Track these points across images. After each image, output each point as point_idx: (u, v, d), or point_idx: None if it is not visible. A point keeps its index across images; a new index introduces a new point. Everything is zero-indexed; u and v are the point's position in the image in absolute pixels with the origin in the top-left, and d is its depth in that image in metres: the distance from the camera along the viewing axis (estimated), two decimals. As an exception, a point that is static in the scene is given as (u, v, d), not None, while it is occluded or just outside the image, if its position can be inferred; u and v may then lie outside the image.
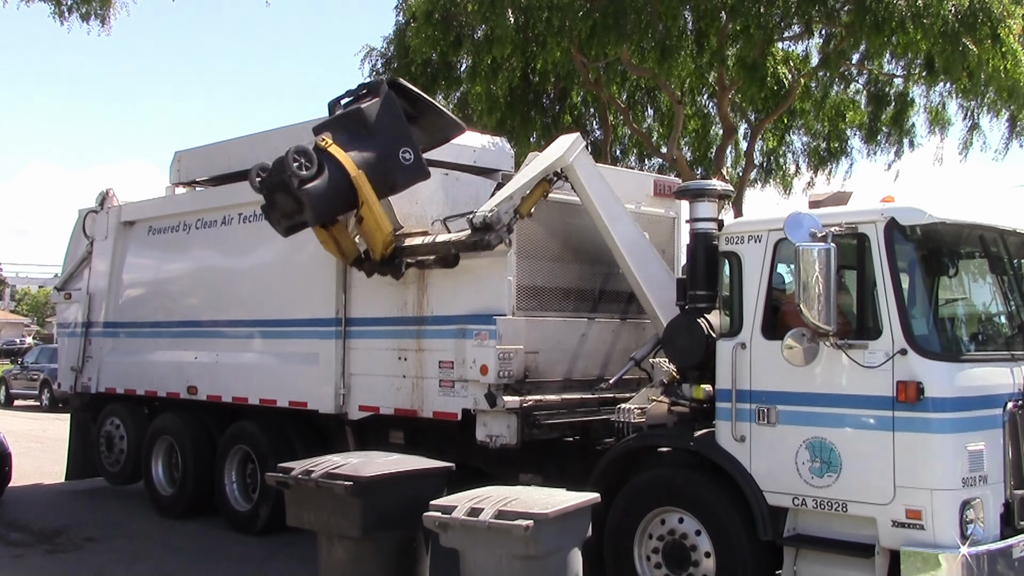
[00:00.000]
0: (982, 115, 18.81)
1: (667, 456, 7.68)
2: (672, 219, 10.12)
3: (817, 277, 6.15)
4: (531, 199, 8.40)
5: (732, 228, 7.13)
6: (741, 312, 6.94)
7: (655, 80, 18.41)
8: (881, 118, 20.35)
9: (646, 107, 22.68)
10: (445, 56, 18.90)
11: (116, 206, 13.11)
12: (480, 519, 5.62)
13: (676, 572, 7.06)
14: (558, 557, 5.80)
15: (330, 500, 6.55)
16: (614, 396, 8.52)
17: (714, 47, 17.11)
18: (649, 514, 7.26)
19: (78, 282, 13.74)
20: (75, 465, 13.72)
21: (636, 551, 7.29)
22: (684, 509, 7.08)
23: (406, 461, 7.09)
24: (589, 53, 17.33)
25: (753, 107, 20.07)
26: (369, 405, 9.70)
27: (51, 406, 29.03)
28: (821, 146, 21.85)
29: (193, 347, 11.69)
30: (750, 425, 6.79)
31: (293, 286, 10.53)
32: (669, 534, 7.14)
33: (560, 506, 5.73)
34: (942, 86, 18.33)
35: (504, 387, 8.37)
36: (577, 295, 9.26)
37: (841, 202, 7.62)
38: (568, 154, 8.41)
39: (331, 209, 9.00)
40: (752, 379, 6.80)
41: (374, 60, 20.96)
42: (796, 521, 6.70)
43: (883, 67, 19.26)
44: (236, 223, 11.29)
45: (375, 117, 9.10)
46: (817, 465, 6.46)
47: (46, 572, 9.42)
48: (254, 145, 11.69)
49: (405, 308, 9.38)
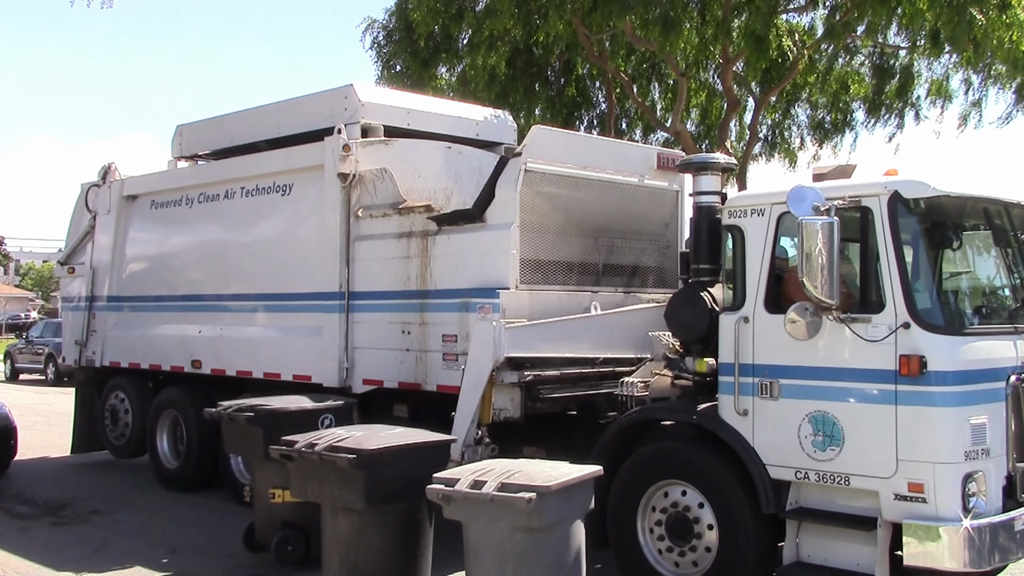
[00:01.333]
0: (988, 86, 18.66)
1: (669, 429, 7.70)
2: (676, 192, 10.10)
3: (820, 250, 6.12)
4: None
5: (735, 202, 7.10)
6: (744, 286, 6.92)
7: (659, 53, 18.28)
8: (885, 91, 20.22)
9: (650, 80, 22.56)
10: (447, 29, 18.77)
11: (118, 180, 13.10)
12: (483, 491, 5.65)
13: (679, 544, 7.09)
14: (560, 529, 5.82)
15: (334, 473, 6.63)
16: (613, 370, 8.54)
17: (719, 19, 16.97)
18: (652, 487, 7.27)
19: (81, 256, 13.74)
20: (80, 439, 13.78)
21: (639, 524, 7.31)
22: (687, 482, 7.10)
23: (409, 434, 7.16)
24: (592, 25, 17.19)
25: (757, 80, 19.94)
26: (373, 379, 9.71)
27: (56, 380, 29.34)
28: (825, 119, 21.73)
29: (197, 321, 11.72)
30: (753, 399, 6.79)
31: (296, 260, 10.53)
32: (672, 507, 7.16)
33: (563, 479, 5.75)
34: (947, 58, 18.18)
35: (507, 361, 8.39)
36: (580, 268, 9.25)
37: (845, 175, 7.58)
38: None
39: None
40: (755, 353, 6.79)
41: (375, 32, 20.86)
42: (799, 494, 6.71)
43: (888, 39, 19.09)
44: (239, 197, 11.28)
45: None
46: (820, 439, 6.46)
47: (51, 544, 9.50)
48: (257, 119, 11.71)
49: (408, 282, 9.38)
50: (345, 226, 9.90)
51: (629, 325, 8.79)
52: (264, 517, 8.48)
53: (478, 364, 8.12)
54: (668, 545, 7.15)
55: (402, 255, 9.45)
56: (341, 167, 9.82)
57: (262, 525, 8.51)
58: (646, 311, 8.87)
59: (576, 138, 10.31)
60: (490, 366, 8.02)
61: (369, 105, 10.38)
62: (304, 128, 10.73)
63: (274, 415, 8.35)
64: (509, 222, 8.62)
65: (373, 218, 9.76)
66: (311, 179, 10.29)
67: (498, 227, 8.69)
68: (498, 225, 8.70)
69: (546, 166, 8.88)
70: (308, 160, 10.30)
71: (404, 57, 20.35)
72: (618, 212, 9.56)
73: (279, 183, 10.76)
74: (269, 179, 10.88)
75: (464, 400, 8.15)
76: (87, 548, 9.34)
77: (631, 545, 7.32)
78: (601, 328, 8.78)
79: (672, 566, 7.17)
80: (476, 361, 8.14)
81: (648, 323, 8.50)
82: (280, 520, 8.30)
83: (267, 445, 7.66)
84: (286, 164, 10.63)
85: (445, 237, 9.12)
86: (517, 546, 5.67)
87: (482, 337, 8.12)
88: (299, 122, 10.89)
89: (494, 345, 8.03)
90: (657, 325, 8.26)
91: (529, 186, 8.74)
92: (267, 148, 11.37)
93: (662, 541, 7.20)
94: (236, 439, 8.63)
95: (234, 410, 8.49)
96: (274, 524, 8.33)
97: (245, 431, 8.38)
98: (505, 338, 8.05)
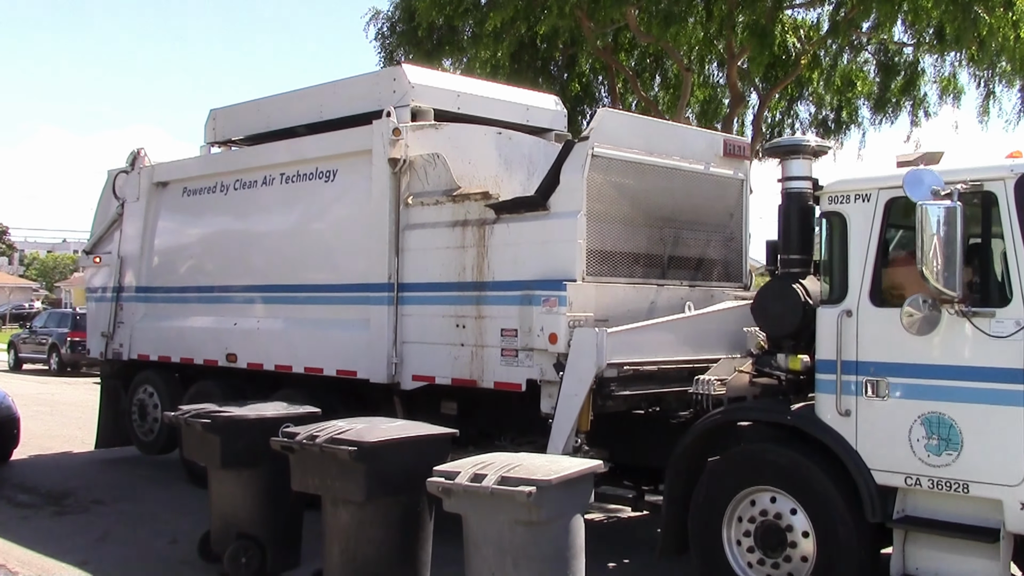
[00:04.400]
0: (995, 84, 18.36)
1: (747, 431, 7.24)
2: (740, 181, 9.62)
3: (941, 239, 5.64)
4: None
5: (836, 187, 6.58)
6: (846, 277, 6.43)
7: (663, 47, 17.95)
8: (890, 88, 19.92)
9: (654, 75, 22.26)
10: (451, 21, 18.39)
11: (148, 166, 12.63)
12: (483, 485, 5.63)
13: (772, 556, 6.60)
14: (561, 523, 5.78)
15: (334, 465, 6.60)
16: (692, 367, 8.06)
17: (724, 13, 16.62)
18: (739, 495, 6.78)
19: (108, 245, 13.25)
20: (105, 434, 13.29)
21: (724, 534, 6.82)
22: (778, 488, 6.60)
23: (410, 427, 7.14)
24: (595, 18, 16.85)
25: (761, 75, 19.61)
26: (423, 375, 9.23)
27: (59, 370, 29.66)
28: (829, 116, 21.39)
29: (232, 313, 11.25)
30: (856, 398, 6.29)
31: (341, 249, 10.05)
32: (761, 515, 6.67)
33: (563, 473, 5.72)
34: (952, 55, 17.90)
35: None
36: (646, 260, 8.77)
37: (933, 161, 7.11)
38: None
39: None
40: (859, 349, 6.29)
41: (380, 24, 20.57)
42: (906, 502, 6.22)
43: (893, 36, 18.76)
44: (278, 183, 10.79)
45: None
46: (934, 442, 5.97)
47: (53, 533, 9.37)
48: (296, 102, 11.25)
49: (463, 273, 8.89)
50: (394, 214, 9.40)
51: (720, 322, 8.32)
52: (219, 527, 8.13)
53: (578, 372, 7.59)
54: (759, 557, 6.65)
55: (456, 244, 8.96)
56: (391, 152, 9.34)
57: (217, 534, 8.16)
58: (740, 309, 8.36)
59: (643, 122, 9.81)
60: (592, 374, 7.51)
61: (419, 87, 9.89)
62: (348, 112, 10.24)
63: (232, 423, 7.99)
64: (575, 210, 8.13)
65: (425, 206, 9.27)
66: (357, 165, 9.80)
67: (563, 215, 8.20)
68: (563, 213, 8.21)
69: (613, 151, 8.40)
70: (355, 145, 9.81)
71: (408, 49, 20.01)
72: (684, 201, 9.08)
73: (322, 169, 10.27)
74: (311, 165, 10.38)
75: (562, 408, 7.65)
76: (89, 538, 9.23)
77: (717, 558, 6.83)
78: (694, 328, 8.30)
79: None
80: (576, 369, 7.61)
81: (740, 320, 8.03)
82: (235, 530, 7.95)
83: (224, 453, 7.77)
84: (330, 149, 10.13)
85: (504, 226, 8.63)
86: (517, 539, 5.66)
87: (583, 344, 7.60)
88: (343, 105, 10.40)
89: (596, 352, 7.49)
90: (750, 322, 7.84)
91: (596, 172, 8.26)
92: (306, 133, 10.88)
93: (752, 553, 6.71)
94: (194, 446, 8.27)
95: (191, 416, 8.14)
96: (229, 534, 7.97)
97: (203, 438, 8.02)
98: (607, 344, 7.54)
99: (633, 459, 8.55)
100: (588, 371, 7.54)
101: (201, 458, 8.31)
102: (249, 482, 7.92)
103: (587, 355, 7.55)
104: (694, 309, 8.60)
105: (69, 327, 30.05)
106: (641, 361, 7.90)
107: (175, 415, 8.40)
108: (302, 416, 7.99)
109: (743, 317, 8.22)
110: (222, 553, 7.93)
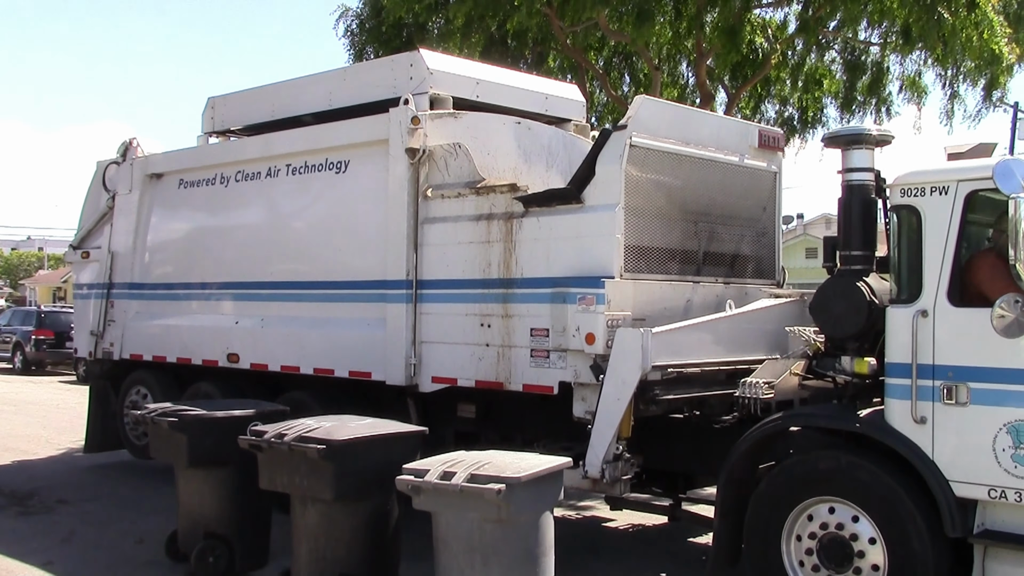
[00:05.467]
0: (959, 83, 18.37)
1: (798, 437, 6.83)
2: (774, 174, 9.23)
3: (1038, 233, 5.25)
4: None
5: (909, 179, 6.15)
6: (920, 275, 6.01)
7: (633, 46, 17.71)
8: (857, 87, 19.87)
9: (623, 73, 21.97)
10: (419, 18, 18.01)
11: (141, 157, 12.04)
12: (452, 483, 5.66)
13: (840, 571, 6.17)
14: (530, 521, 5.83)
15: (303, 463, 6.59)
16: (735, 368, 7.65)
17: (692, 12, 16.40)
18: (796, 508, 6.36)
19: (97, 239, 12.64)
20: (94, 437, 12.68)
21: (784, 552, 6.39)
22: (840, 498, 6.17)
23: (380, 425, 7.11)
24: (565, 16, 16.56)
25: (730, 74, 19.39)
26: (444, 376, 8.74)
27: (24, 369, 29.37)
28: (796, 115, 21.28)
29: (233, 311, 10.72)
30: (933, 405, 5.88)
31: (354, 244, 9.55)
32: (822, 529, 6.24)
33: (532, 470, 5.76)
34: (917, 54, 17.91)
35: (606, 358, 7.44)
36: (682, 256, 8.35)
37: (985, 154, 6.76)
38: None
39: None
40: (935, 352, 5.89)
41: (349, 20, 20.14)
42: (986, 515, 5.83)
43: (859, 35, 18.67)
44: (284, 175, 10.26)
45: None
46: (1022, 452, 5.58)
47: (17, 534, 9.23)
48: (303, 89, 10.73)
49: (488, 269, 8.42)
50: (413, 207, 8.91)
51: (760, 322, 7.90)
52: (187, 526, 8.02)
53: (621, 375, 7.10)
54: (828, 574, 6.22)
55: (481, 239, 8.49)
56: (409, 141, 8.84)
57: (184, 533, 8.05)
58: (782, 307, 7.97)
59: (680, 111, 9.36)
60: (637, 377, 7.02)
61: (438, 74, 9.40)
62: (361, 99, 9.74)
63: (199, 421, 7.86)
64: (613, 203, 7.68)
65: (445, 198, 8.79)
66: (372, 155, 9.30)
67: (600, 208, 7.75)
68: (600, 206, 7.76)
69: (651, 141, 7.96)
70: (370, 134, 9.31)
71: (376, 46, 19.62)
72: (719, 194, 8.67)
73: (333, 159, 9.75)
74: (321, 155, 9.86)
75: (603, 413, 7.17)
76: (54, 538, 9.11)
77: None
78: (734, 328, 7.87)
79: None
80: (618, 372, 7.12)
81: (780, 319, 7.63)
82: (203, 529, 7.83)
83: (191, 452, 7.72)
84: (343, 138, 9.62)
85: (534, 220, 8.17)
86: (486, 537, 5.71)
87: (627, 345, 7.09)
88: (355, 93, 9.88)
89: (642, 354, 6.99)
90: (792, 321, 7.41)
91: (633, 163, 7.82)
92: (313, 122, 10.37)
93: (818, 572, 6.28)
94: (160, 445, 8.11)
95: (158, 414, 7.98)
96: (197, 533, 7.86)
97: (169, 437, 7.89)
98: (652, 345, 7.03)
99: (671, 465, 8.13)
100: (632, 374, 7.07)
101: (168, 457, 8.13)
102: (217, 481, 7.83)
103: (631, 357, 7.07)
104: (733, 307, 8.19)
105: (34, 325, 29.57)
106: (684, 363, 7.46)
107: (141, 413, 8.26)
108: (270, 414, 7.95)
109: (782, 316, 7.88)
110: (189, 552, 7.83)
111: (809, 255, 50.07)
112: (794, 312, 7.89)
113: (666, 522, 9.30)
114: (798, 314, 7.82)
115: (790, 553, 6.40)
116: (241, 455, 7.09)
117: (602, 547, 9.17)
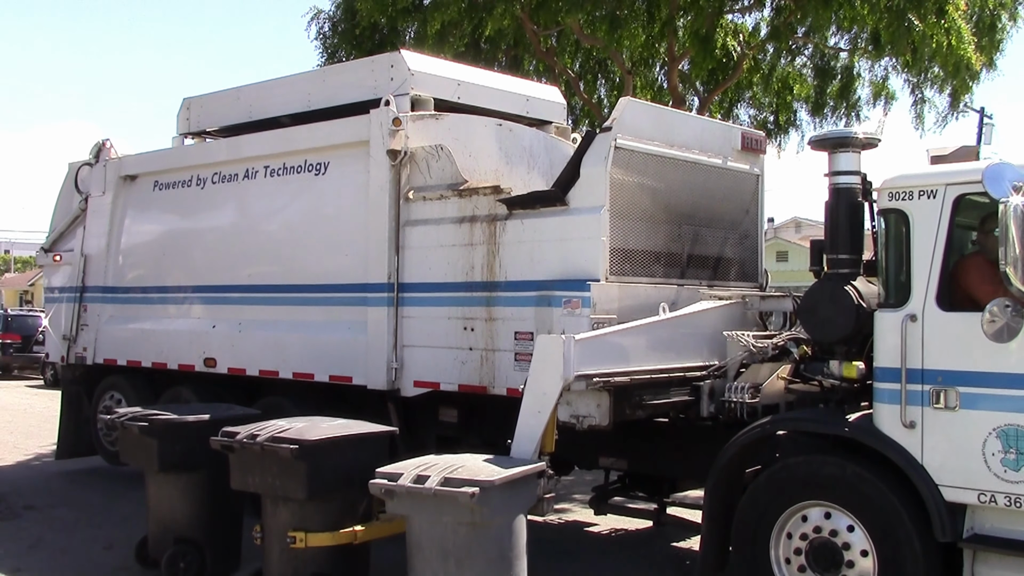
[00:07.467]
0: (926, 89, 18.64)
1: (784, 442, 6.81)
2: (756, 177, 9.22)
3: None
4: None
5: (897, 182, 6.13)
6: (908, 279, 5.99)
7: (606, 51, 17.76)
8: (827, 91, 20.06)
9: (597, 77, 21.99)
10: (393, 21, 17.93)
11: (115, 159, 11.86)
12: (426, 486, 5.66)
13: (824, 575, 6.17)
14: (504, 524, 5.84)
15: (275, 463, 6.61)
16: (683, 376, 7.48)
17: (665, 17, 16.48)
18: (788, 510, 6.33)
19: (69, 242, 12.45)
20: (66, 443, 12.50)
21: (772, 554, 6.36)
22: (832, 503, 6.15)
23: (352, 425, 7.16)
24: (539, 21, 16.59)
25: (702, 79, 19.51)
26: (426, 381, 8.66)
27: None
28: (768, 119, 21.42)
29: (210, 315, 10.58)
30: (922, 409, 5.86)
31: (333, 247, 9.44)
32: (815, 532, 6.21)
33: (506, 473, 5.77)
34: (887, 60, 18.14)
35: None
36: (667, 259, 8.31)
37: (969, 156, 6.76)
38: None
39: None
40: (924, 356, 5.87)
41: (321, 23, 20.01)
42: (975, 519, 5.82)
43: (828, 40, 18.89)
44: (262, 177, 10.14)
45: None
46: (1012, 456, 5.57)
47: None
48: (281, 90, 10.61)
49: (472, 272, 8.36)
50: (394, 209, 8.84)
51: (700, 326, 7.67)
52: (157, 531, 7.95)
53: (541, 386, 6.46)
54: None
55: (463, 242, 8.42)
56: (391, 143, 8.76)
57: (155, 539, 7.97)
58: (721, 310, 7.82)
59: (664, 113, 9.32)
60: (559, 387, 6.38)
61: (419, 75, 9.32)
62: (340, 100, 9.65)
63: (170, 426, 7.80)
64: (598, 205, 7.64)
65: (428, 200, 8.72)
66: (352, 157, 9.21)
67: (585, 211, 7.70)
68: (585, 209, 7.71)
69: (636, 143, 7.92)
70: (350, 135, 9.22)
71: (348, 49, 19.52)
72: (703, 197, 8.64)
73: (312, 161, 9.64)
74: (299, 157, 9.75)
75: (523, 427, 6.47)
76: (21, 544, 9.00)
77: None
78: (673, 332, 7.50)
79: (818, 601, 6.24)
80: (539, 382, 6.47)
81: (719, 323, 7.59)
82: (173, 535, 7.77)
83: (162, 456, 7.68)
84: (322, 140, 9.51)
85: (518, 222, 8.11)
86: (460, 540, 5.72)
87: (547, 353, 6.46)
88: (334, 94, 9.78)
89: (563, 362, 6.34)
90: (732, 324, 7.46)
91: (618, 165, 7.78)
92: (291, 123, 10.26)
93: (804, 573, 6.26)
94: (131, 450, 8.09)
95: (128, 419, 7.96)
96: (167, 539, 7.80)
97: (140, 441, 7.86)
98: (576, 352, 6.39)
99: (653, 466, 8.10)
100: (554, 384, 6.45)
101: (139, 462, 8.06)
102: (188, 486, 7.78)
103: (552, 366, 6.43)
104: (667, 310, 7.79)
105: (0, 329, 29.02)
106: (614, 371, 6.86)
107: (111, 418, 8.20)
108: (243, 418, 7.84)
109: (721, 319, 7.73)
110: (160, 558, 7.76)
111: (780, 258, 50.44)
112: (734, 315, 7.82)
113: (649, 526, 9.31)
114: (739, 317, 7.80)
115: (778, 549, 6.36)
116: (212, 460, 7.08)
117: (581, 551, 9.12)
